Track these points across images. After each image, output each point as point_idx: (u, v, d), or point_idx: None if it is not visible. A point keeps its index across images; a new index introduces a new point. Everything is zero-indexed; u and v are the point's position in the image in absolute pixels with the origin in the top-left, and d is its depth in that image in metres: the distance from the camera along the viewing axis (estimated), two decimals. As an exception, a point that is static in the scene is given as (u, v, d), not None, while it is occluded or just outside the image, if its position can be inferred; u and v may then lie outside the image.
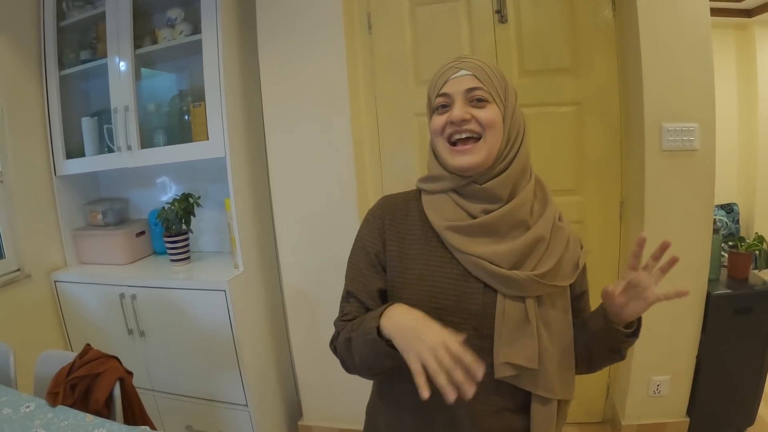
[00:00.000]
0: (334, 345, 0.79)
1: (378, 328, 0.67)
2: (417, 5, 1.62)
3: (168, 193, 1.96)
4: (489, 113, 0.72)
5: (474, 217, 0.74)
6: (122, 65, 1.73)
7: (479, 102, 0.73)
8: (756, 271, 1.74)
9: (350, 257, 0.82)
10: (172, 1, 1.72)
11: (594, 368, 0.83)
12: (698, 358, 1.66)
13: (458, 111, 0.72)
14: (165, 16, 1.74)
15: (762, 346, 1.66)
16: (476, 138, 0.73)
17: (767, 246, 1.72)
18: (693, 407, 1.69)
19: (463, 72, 0.73)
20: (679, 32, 1.50)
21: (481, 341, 0.72)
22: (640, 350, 1.64)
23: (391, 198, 0.84)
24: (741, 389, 1.68)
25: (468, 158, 0.72)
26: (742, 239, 1.74)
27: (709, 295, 1.62)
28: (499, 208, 0.73)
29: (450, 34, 1.60)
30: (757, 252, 1.71)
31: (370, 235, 0.80)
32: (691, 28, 1.50)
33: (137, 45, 1.73)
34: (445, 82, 0.74)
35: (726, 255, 1.74)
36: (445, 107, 0.74)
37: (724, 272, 1.74)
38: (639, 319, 0.75)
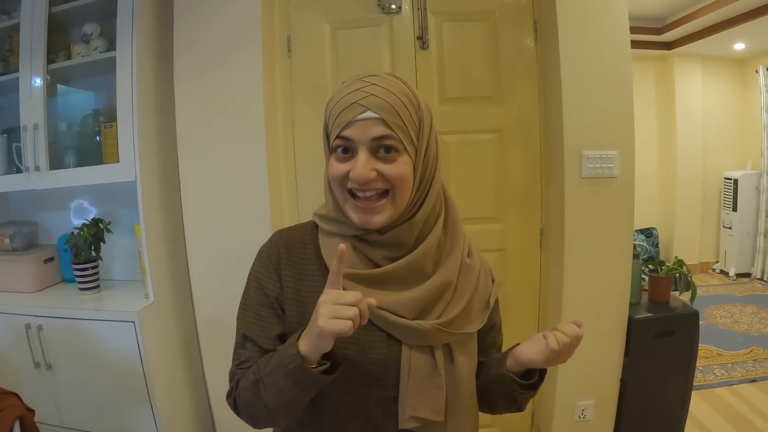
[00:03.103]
0: (233, 397, 0.69)
1: (299, 355, 0.60)
2: (338, 29, 1.59)
3: (81, 217, 1.85)
4: (398, 168, 0.64)
5: (377, 265, 0.68)
6: (34, 80, 1.63)
7: (387, 153, 0.63)
8: (676, 294, 1.78)
9: (244, 298, 0.73)
10: (88, 16, 1.64)
11: (493, 411, 0.80)
12: (622, 381, 1.68)
13: (362, 170, 0.62)
14: (81, 30, 1.66)
15: (685, 368, 1.69)
16: (383, 192, 0.65)
17: (687, 269, 1.76)
18: (619, 430, 1.71)
19: (369, 114, 0.62)
20: (599, 63, 1.53)
21: (386, 391, 0.68)
22: (564, 375, 1.64)
23: (285, 233, 0.76)
24: (666, 411, 1.71)
25: (375, 218, 0.65)
26: (662, 263, 1.78)
27: (630, 319, 1.65)
28: (405, 255, 0.68)
29: (371, 59, 1.58)
30: (677, 275, 1.75)
31: (267, 275, 0.71)
32: (612, 59, 1.53)
33: (51, 60, 1.63)
34: (348, 123, 0.63)
35: (646, 279, 1.77)
36: (346, 152, 0.65)
37: (645, 296, 1.77)
38: (542, 374, 0.72)
